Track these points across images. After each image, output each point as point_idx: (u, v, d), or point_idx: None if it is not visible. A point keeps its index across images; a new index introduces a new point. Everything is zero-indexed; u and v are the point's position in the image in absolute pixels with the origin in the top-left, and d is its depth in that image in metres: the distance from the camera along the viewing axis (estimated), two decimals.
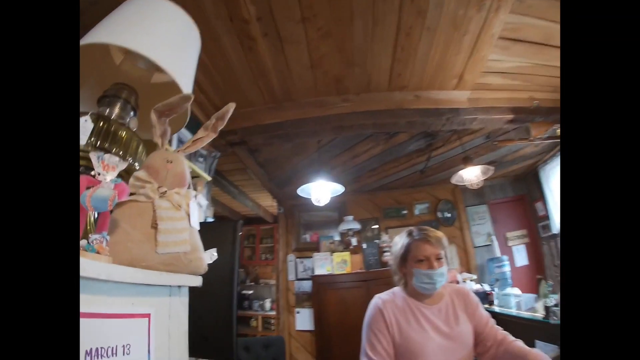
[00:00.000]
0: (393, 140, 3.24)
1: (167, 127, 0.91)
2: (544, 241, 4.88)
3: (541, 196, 4.93)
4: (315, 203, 3.12)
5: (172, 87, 0.99)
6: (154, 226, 0.77)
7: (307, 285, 4.48)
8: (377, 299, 1.54)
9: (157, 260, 0.76)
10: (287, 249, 4.83)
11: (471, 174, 3.24)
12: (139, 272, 0.70)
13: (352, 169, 3.91)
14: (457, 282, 3.33)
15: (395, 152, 3.55)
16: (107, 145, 0.87)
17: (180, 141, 2.20)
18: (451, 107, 2.68)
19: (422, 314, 1.46)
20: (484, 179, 3.27)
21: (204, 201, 2.40)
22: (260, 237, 6.61)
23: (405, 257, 1.50)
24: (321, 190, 3.10)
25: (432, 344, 1.38)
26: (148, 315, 0.71)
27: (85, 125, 0.82)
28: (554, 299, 2.66)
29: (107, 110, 0.97)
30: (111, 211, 0.76)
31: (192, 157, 2.29)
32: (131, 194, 0.80)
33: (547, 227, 4.74)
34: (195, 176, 2.27)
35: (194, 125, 2.47)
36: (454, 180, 3.37)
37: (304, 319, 4.47)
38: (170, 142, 2.10)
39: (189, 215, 0.86)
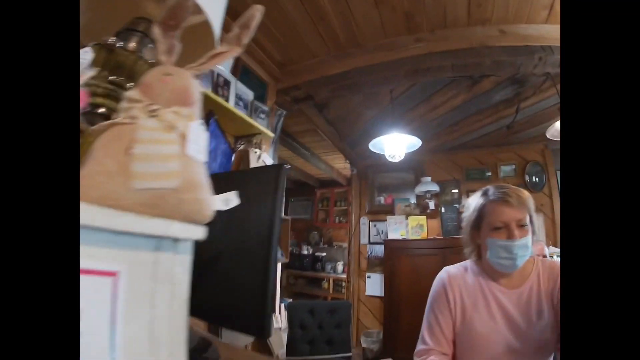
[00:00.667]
0: (476, 89, 2.89)
1: (174, 42, 0.70)
2: None
3: None
4: (390, 159, 2.89)
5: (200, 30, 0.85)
6: (130, 151, 0.57)
7: (379, 250, 4.34)
8: (444, 273, 1.27)
9: (133, 198, 0.55)
10: (360, 212, 4.69)
11: None
12: (103, 212, 0.50)
13: (431, 124, 3.59)
14: (545, 257, 2.93)
15: (478, 102, 3.18)
16: (118, 78, 0.76)
17: (240, 98, 2.14)
18: (543, 45, 2.26)
19: (495, 299, 1.15)
20: None
21: (269, 159, 2.35)
22: (334, 199, 6.60)
23: (479, 223, 1.18)
24: (395, 145, 2.84)
25: (498, 339, 1.11)
26: (114, 274, 0.52)
27: (85, 56, 0.71)
28: None
29: (122, 44, 0.84)
30: None
31: (253, 113, 2.23)
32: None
33: None
34: (258, 133, 2.22)
35: (258, 85, 2.42)
36: (550, 134, 2.83)
37: (374, 284, 4.36)
38: (227, 99, 2.07)
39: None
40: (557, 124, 2.66)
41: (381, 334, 3.97)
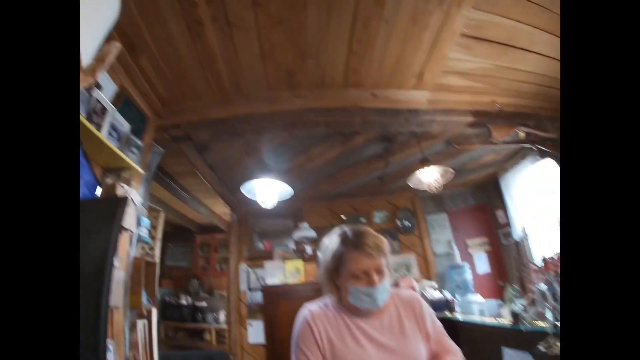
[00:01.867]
0: (350, 144, 3.09)
1: None
2: (505, 248, 4.93)
3: (502, 204, 5.01)
4: (261, 205, 2.86)
5: None
6: None
7: (259, 296, 4.22)
8: (306, 310, 1.28)
9: None
10: (239, 258, 4.57)
11: (430, 177, 3.11)
12: None
13: (308, 174, 3.72)
14: (414, 289, 3.18)
15: (352, 156, 3.40)
16: None
17: (114, 129, 1.95)
18: (410, 108, 2.56)
19: (359, 328, 1.20)
20: (444, 185, 3.18)
21: (137, 198, 2.16)
22: (215, 246, 6.32)
23: (338, 268, 1.22)
24: (267, 190, 2.84)
25: None
26: None
27: None
28: (520, 304, 2.58)
29: None
30: None
31: (124, 146, 2.04)
32: None
33: (509, 235, 4.82)
34: (128, 167, 2.04)
35: (138, 119, 2.25)
36: (412, 183, 3.21)
37: (256, 332, 4.22)
38: (100, 127, 1.88)
39: None
40: (418, 173, 3.02)
41: None
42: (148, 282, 2.35)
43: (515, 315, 2.46)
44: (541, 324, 2.13)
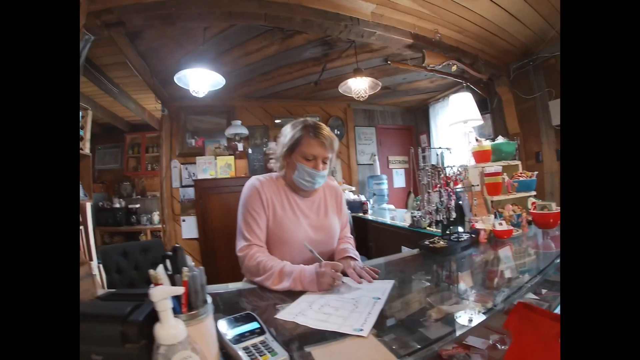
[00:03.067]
0: (288, 42, 3.07)
1: None
2: (421, 169, 5.38)
3: (427, 130, 5.40)
4: (193, 94, 2.85)
5: None
6: None
7: (192, 192, 4.32)
8: (255, 180, 1.48)
9: None
10: (171, 155, 4.52)
11: (359, 86, 3.26)
12: None
13: (244, 70, 3.66)
14: None
15: (290, 56, 3.39)
16: None
17: None
18: (352, 16, 2.59)
19: (296, 203, 1.48)
20: (377, 98, 3.36)
21: None
22: (146, 145, 6.10)
23: (294, 148, 1.43)
24: (200, 80, 2.82)
25: (301, 234, 1.43)
26: None
27: None
28: (418, 213, 2.91)
29: None
30: None
31: None
32: None
33: (427, 158, 5.22)
34: None
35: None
36: (342, 89, 3.38)
37: (190, 227, 4.37)
38: None
39: None
40: (349, 81, 3.21)
41: None
42: (83, 175, 2.31)
43: (413, 219, 2.81)
44: (433, 229, 2.48)
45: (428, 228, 2.53)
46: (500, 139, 2.70)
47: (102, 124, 5.58)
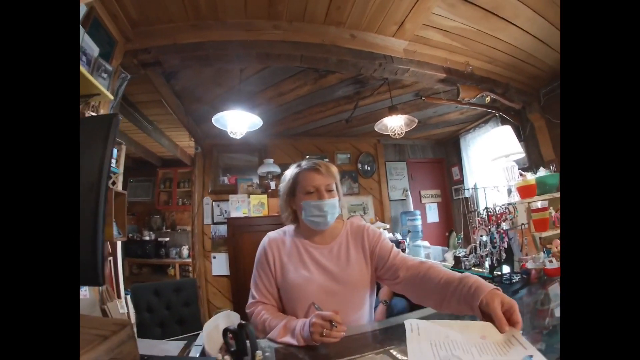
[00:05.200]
0: (322, 82, 3.11)
1: None
2: (455, 203, 5.29)
3: (458, 162, 5.29)
4: (232, 135, 2.88)
5: None
6: None
7: (223, 230, 4.33)
8: (266, 238, 1.45)
9: None
10: (203, 192, 4.57)
11: (395, 123, 3.23)
12: None
13: (277, 109, 3.72)
14: None
15: (322, 95, 3.43)
16: None
17: (83, 52, 1.87)
18: (385, 54, 2.60)
19: (309, 254, 1.37)
20: (407, 136, 3.31)
21: None
22: (177, 180, 6.22)
23: (294, 190, 1.38)
24: (238, 122, 2.85)
25: (313, 286, 1.30)
26: None
27: None
28: (462, 251, 2.80)
29: None
30: None
31: (95, 71, 1.97)
32: None
33: (460, 191, 5.14)
34: (97, 93, 1.97)
35: (106, 42, 2.15)
36: (378, 127, 3.35)
37: (220, 264, 4.33)
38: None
39: None
40: (385, 120, 3.16)
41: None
42: (118, 213, 2.35)
43: (457, 259, 2.69)
44: (478, 270, 2.38)
45: (473, 269, 2.41)
46: (542, 171, 2.61)
47: (134, 158, 5.71)
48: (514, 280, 1.75)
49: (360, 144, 5.16)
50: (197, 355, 0.97)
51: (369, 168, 5.14)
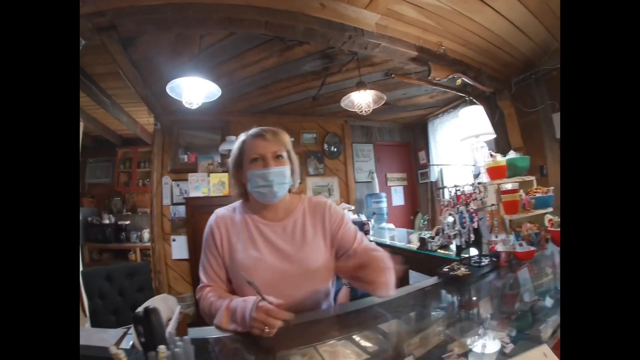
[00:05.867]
0: (288, 54, 2.97)
1: None
2: (421, 187, 5.33)
3: (425, 146, 5.36)
4: (187, 105, 2.68)
5: None
6: None
7: (183, 211, 4.14)
8: (213, 215, 1.32)
9: None
10: (162, 171, 4.34)
11: (362, 99, 3.15)
12: None
13: (241, 83, 3.54)
14: None
15: (289, 69, 3.29)
16: None
17: None
18: (356, 26, 2.49)
19: (259, 231, 1.25)
20: (375, 114, 3.25)
21: None
22: (137, 160, 5.92)
23: (241, 160, 1.26)
24: (194, 90, 2.65)
25: (263, 267, 1.18)
26: None
27: None
28: (428, 233, 2.78)
29: None
30: None
31: None
32: None
33: (426, 175, 5.22)
34: None
35: None
36: (344, 103, 3.27)
37: (180, 247, 4.15)
38: None
39: None
40: (352, 95, 3.10)
41: (194, 297, 3.81)
42: None
43: (422, 240, 2.66)
44: (445, 252, 2.37)
45: (439, 251, 2.38)
46: (512, 154, 2.62)
47: (93, 136, 5.40)
48: (482, 264, 1.69)
49: (327, 124, 5.09)
50: (130, 345, 0.85)
51: (335, 149, 5.09)
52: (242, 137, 1.27)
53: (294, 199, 1.33)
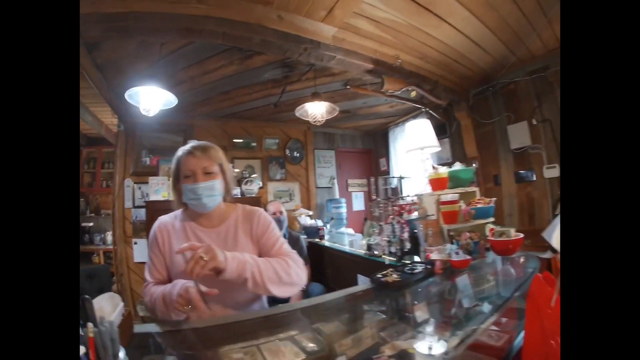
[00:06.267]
0: (248, 63, 3.06)
1: None
2: (382, 193, 5.50)
3: (386, 154, 5.51)
4: (143, 112, 2.74)
5: None
6: None
7: (144, 213, 4.07)
8: (157, 221, 1.46)
9: None
10: (125, 173, 4.31)
11: (316, 110, 3.26)
12: None
13: (203, 88, 3.60)
14: (281, 213, 3.42)
15: (249, 77, 3.37)
16: None
17: None
18: (313, 39, 2.59)
19: (196, 236, 1.38)
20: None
21: None
22: (102, 160, 5.86)
23: (178, 174, 1.39)
24: (151, 99, 2.71)
25: None
26: None
27: None
28: (375, 239, 2.89)
29: None
30: None
31: None
32: None
33: (387, 181, 5.35)
34: None
35: None
36: (299, 113, 3.36)
37: (142, 250, 4.11)
38: None
39: None
40: (307, 105, 3.19)
41: None
42: None
43: (369, 247, 2.76)
44: (391, 258, 2.42)
45: (384, 256, 2.51)
46: (457, 165, 2.72)
47: None
48: (415, 270, 1.77)
49: (290, 130, 5.16)
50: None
51: (298, 154, 5.19)
52: (179, 153, 1.40)
53: (228, 207, 1.47)
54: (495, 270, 1.92)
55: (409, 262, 1.96)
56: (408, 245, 1.92)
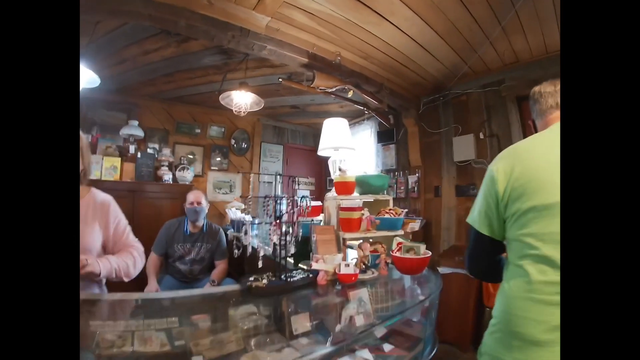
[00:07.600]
0: (185, 46, 3.10)
1: None
2: (328, 193, 5.53)
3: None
4: None
5: None
6: None
7: None
8: None
9: None
10: None
11: (241, 99, 3.23)
12: None
13: (145, 69, 3.62)
14: (199, 204, 3.12)
15: (189, 61, 3.41)
16: None
17: None
18: (244, 27, 2.55)
19: None
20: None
21: None
22: None
23: None
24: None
25: None
26: None
27: None
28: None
29: None
30: None
31: None
32: None
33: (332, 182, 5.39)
34: None
35: None
36: (224, 101, 3.31)
37: None
38: None
39: None
40: (233, 94, 3.17)
41: None
42: None
43: (274, 247, 2.61)
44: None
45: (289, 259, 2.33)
46: (375, 171, 2.70)
47: None
48: (293, 278, 1.67)
49: (239, 120, 5.03)
50: None
51: (245, 145, 5.12)
52: None
53: (83, 191, 1.56)
54: (389, 289, 1.83)
55: (297, 268, 1.90)
56: (292, 251, 1.77)
